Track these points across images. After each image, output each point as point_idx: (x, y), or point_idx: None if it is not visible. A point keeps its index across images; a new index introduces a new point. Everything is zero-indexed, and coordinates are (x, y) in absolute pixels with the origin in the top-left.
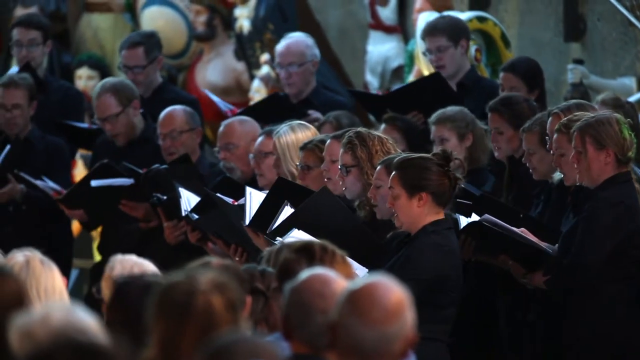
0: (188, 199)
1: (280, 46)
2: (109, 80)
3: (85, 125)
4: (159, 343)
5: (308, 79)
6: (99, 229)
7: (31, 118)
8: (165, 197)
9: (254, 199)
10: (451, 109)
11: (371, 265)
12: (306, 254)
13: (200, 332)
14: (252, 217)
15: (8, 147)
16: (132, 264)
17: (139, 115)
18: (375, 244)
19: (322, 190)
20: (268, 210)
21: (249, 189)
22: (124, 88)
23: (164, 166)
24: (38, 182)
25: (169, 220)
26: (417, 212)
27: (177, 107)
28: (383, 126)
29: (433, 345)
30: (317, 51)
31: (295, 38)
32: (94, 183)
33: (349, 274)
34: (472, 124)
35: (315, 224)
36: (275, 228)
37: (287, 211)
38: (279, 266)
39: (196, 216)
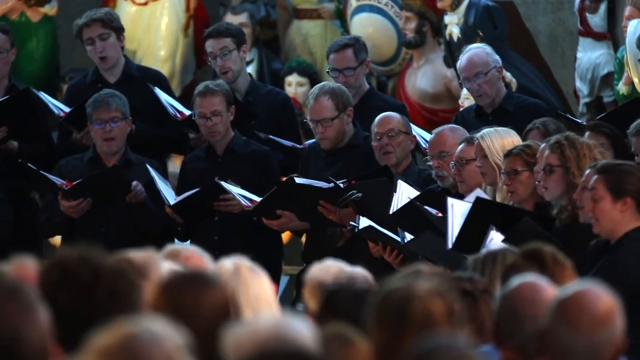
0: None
1: (461, 62)
2: (327, 83)
3: (289, 143)
4: (376, 351)
5: (496, 86)
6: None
7: (232, 124)
8: (357, 225)
9: (456, 211)
10: None
11: None
12: (537, 261)
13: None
14: (455, 241)
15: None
16: (329, 270)
17: (350, 124)
18: None
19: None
20: (470, 230)
21: (450, 200)
22: (342, 93)
23: (358, 194)
24: (241, 192)
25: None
26: (619, 218)
27: (394, 112)
28: (587, 134)
29: (638, 352)
30: (497, 57)
31: (474, 49)
32: (298, 180)
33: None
34: None
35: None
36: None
37: (494, 235)
38: (505, 269)
39: (408, 236)
